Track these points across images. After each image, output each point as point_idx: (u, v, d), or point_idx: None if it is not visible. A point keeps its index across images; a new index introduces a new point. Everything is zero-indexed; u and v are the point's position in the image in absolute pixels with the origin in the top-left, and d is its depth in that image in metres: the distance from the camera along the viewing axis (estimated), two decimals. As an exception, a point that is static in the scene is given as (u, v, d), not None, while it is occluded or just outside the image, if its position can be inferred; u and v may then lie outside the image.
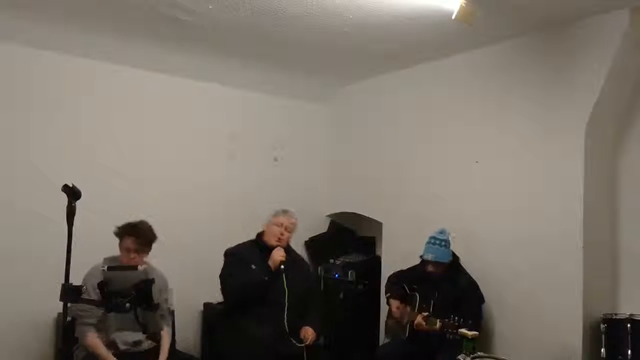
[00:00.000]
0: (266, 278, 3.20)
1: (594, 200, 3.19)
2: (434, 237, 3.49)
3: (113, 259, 3.01)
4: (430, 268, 3.46)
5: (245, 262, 3.30)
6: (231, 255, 3.39)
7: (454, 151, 3.91)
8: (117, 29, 3.55)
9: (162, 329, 3.15)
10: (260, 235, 3.45)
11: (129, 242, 3.00)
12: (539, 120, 3.38)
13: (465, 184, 3.81)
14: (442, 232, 3.52)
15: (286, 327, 3.20)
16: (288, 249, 3.44)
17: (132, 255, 2.99)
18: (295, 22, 3.36)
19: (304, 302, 3.39)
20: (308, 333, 3.26)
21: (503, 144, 3.58)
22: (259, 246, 3.39)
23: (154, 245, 3.09)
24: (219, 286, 3.37)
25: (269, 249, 3.30)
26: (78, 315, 2.91)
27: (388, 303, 3.75)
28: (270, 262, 3.24)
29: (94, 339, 2.89)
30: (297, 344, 3.19)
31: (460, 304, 3.28)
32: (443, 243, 3.47)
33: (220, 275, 3.35)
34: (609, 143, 3.34)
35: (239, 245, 3.45)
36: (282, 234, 3.36)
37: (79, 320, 2.92)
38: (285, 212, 3.46)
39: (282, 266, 3.24)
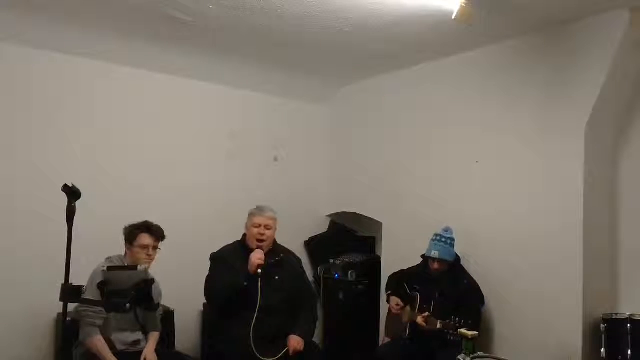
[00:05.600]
0: (245, 283, 3.07)
1: (594, 200, 3.19)
2: (439, 235, 3.50)
3: (118, 258, 3.00)
4: (435, 265, 3.46)
5: (227, 266, 3.19)
6: (214, 259, 3.31)
7: (454, 151, 3.91)
8: (117, 29, 3.55)
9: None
10: (245, 235, 3.35)
11: (146, 238, 3.00)
12: (539, 120, 3.38)
13: (465, 184, 3.81)
14: (447, 230, 3.53)
15: (251, 336, 3.01)
16: (274, 249, 3.32)
17: (150, 252, 3.00)
18: (295, 22, 3.36)
19: (289, 305, 3.25)
20: (292, 343, 3.11)
21: (503, 144, 3.58)
22: (242, 248, 3.27)
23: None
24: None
25: (252, 251, 3.17)
26: (85, 315, 2.86)
27: (388, 301, 3.75)
28: (249, 267, 3.10)
29: (100, 342, 2.84)
30: (260, 356, 3.00)
31: (461, 305, 3.28)
32: (449, 241, 3.48)
33: (205, 279, 3.27)
34: (609, 143, 3.34)
35: (223, 248, 3.36)
36: (262, 234, 3.21)
37: (84, 322, 2.88)
38: (260, 209, 3.31)
39: (260, 270, 3.08)
